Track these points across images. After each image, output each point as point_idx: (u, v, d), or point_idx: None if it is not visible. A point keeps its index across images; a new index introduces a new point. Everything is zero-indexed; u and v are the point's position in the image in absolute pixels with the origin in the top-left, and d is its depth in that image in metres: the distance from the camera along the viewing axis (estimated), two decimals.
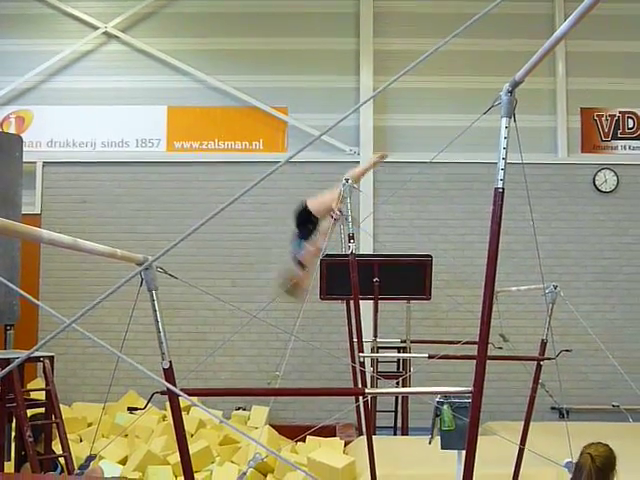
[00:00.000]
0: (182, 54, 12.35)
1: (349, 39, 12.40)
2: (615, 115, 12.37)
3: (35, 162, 12.00)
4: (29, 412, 6.49)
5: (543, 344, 7.42)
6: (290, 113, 12.32)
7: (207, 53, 12.47)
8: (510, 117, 3.86)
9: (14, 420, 6.45)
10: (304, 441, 9.15)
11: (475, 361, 4.24)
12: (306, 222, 7.54)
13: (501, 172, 3.94)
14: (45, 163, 12.24)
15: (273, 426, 9.93)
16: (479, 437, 4.41)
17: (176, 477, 8.18)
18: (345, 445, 9.44)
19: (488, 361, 4.25)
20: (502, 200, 3.96)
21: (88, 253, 3.57)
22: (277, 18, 12.54)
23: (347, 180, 7.80)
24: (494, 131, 3.90)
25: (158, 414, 10.14)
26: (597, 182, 12.21)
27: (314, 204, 7.59)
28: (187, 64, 12.30)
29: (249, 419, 10.77)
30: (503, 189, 3.95)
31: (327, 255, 8.20)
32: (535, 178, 11.13)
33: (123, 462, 8.74)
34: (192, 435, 9.47)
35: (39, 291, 11.86)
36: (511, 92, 3.80)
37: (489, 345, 4.27)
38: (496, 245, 3.99)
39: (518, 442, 7.26)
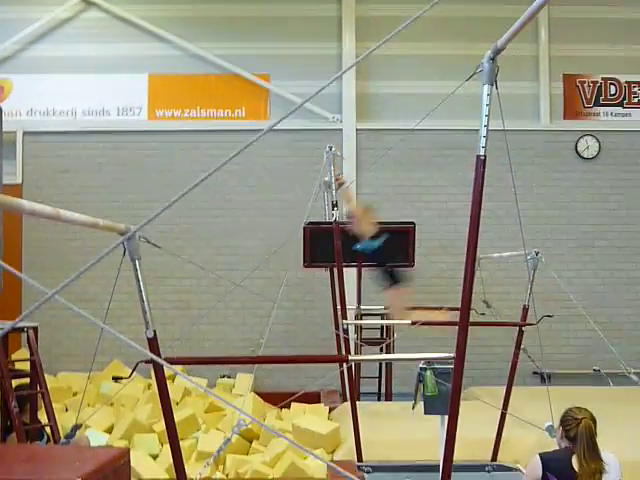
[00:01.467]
0: (163, 21, 12.22)
1: (331, 5, 12.30)
2: (597, 82, 12.38)
3: (15, 131, 11.89)
4: (14, 382, 6.50)
5: (525, 310, 7.48)
6: (272, 80, 12.25)
7: (188, 20, 12.34)
8: (492, 84, 3.86)
9: None
10: (289, 408, 9.23)
11: (458, 327, 4.28)
12: None
13: (483, 139, 3.95)
14: (25, 133, 12.13)
15: (258, 393, 9.99)
16: (462, 402, 4.47)
17: (162, 445, 8.23)
18: (329, 411, 9.52)
19: (471, 327, 4.29)
20: (484, 167, 3.97)
21: (70, 223, 3.56)
22: None
23: (330, 147, 7.84)
24: (476, 98, 3.90)
25: (143, 382, 10.18)
26: (579, 149, 12.24)
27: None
28: (168, 31, 12.17)
29: (234, 387, 10.83)
30: (485, 156, 3.97)
31: (310, 222, 8.22)
32: (517, 145, 11.14)
33: (109, 431, 8.78)
34: (177, 403, 9.52)
35: (22, 261, 11.82)
36: (493, 59, 3.80)
37: (472, 311, 4.30)
38: (478, 212, 4.01)
39: (500, 407, 7.36)
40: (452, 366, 4.57)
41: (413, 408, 5.94)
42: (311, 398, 9.60)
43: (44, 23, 12.17)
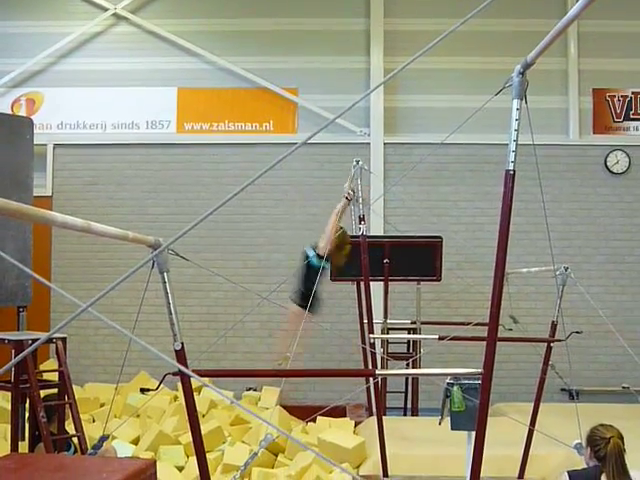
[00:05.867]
0: (192, 35, 12.32)
1: (359, 19, 12.33)
2: (627, 96, 12.29)
3: (46, 144, 12.03)
4: (42, 393, 6.55)
5: (553, 326, 7.43)
6: (300, 94, 12.29)
7: (217, 34, 12.42)
8: (521, 99, 3.85)
9: (28, 401, 6.50)
10: (314, 421, 9.20)
11: (485, 342, 4.25)
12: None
13: (512, 154, 3.94)
14: (56, 145, 12.26)
15: (284, 407, 9.98)
16: (489, 418, 4.44)
17: (188, 457, 8.24)
18: (355, 425, 9.49)
19: (498, 343, 4.26)
20: (513, 182, 3.96)
21: (100, 235, 3.59)
22: None
23: (357, 161, 7.85)
24: (505, 112, 3.89)
25: (170, 394, 10.21)
26: (609, 163, 12.15)
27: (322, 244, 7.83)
28: (197, 45, 12.26)
29: (260, 400, 10.82)
30: (514, 171, 3.95)
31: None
32: (546, 159, 11.08)
33: (135, 442, 8.80)
34: (203, 415, 9.53)
35: (51, 273, 11.92)
36: (522, 73, 3.79)
37: (499, 327, 4.28)
38: (507, 227, 4.00)
39: (528, 423, 7.29)
40: (479, 382, 4.54)
41: (440, 423, 5.89)
42: (337, 412, 9.57)
43: (75, 37, 12.31)
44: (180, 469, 8.03)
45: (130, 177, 12.27)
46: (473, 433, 4.62)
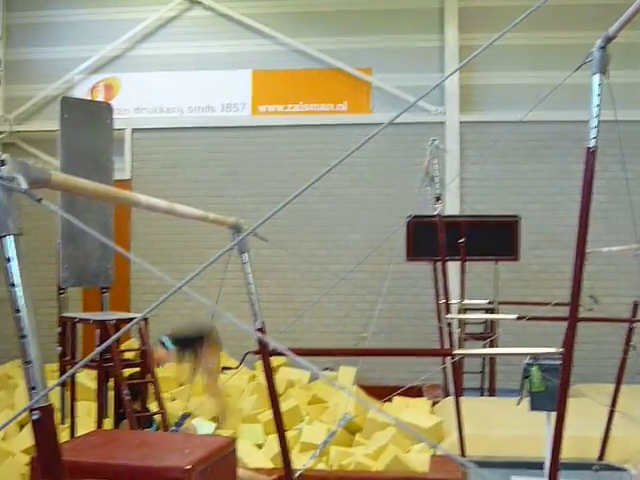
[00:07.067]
0: (265, 17, 12.37)
1: None
2: None
3: (124, 129, 12.26)
4: (125, 372, 6.71)
5: (635, 306, 7.27)
6: (374, 74, 12.23)
7: (290, 16, 12.45)
8: (603, 74, 3.76)
9: (112, 379, 6.68)
10: (391, 401, 9.22)
11: (565, 323, 4.19)
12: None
13: (593, 130, 3.85)
14: (134, 130, 12.50)
15: (360, 387, 10.01)
16: (568, 399, 4.38)
17: (267, 435, 8.35)
18: (432, 405, 9.48)
19: (578, 323, 4.19)
20: (594, 159, 3.87)
21: (182, 217, 3.66)
22: None
23: (434, 140, 7.79)
24: (585, 88, 3.80)
25: (248, 374, 10.35)
26: None
27: None
28: (270, 27, 12.31)
29: (336, 380, 10.88)
30: (595, 148, 3.87)
31: (414, 216, 8.20)
32: (629, 136, 10.76)
33: (215, 420, 8.96)
34: (281, 395, 9.63)
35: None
36: (603, 48, 3.70)
37: (579, 307, 4.21)
38: (588, 204, 3.92)
39: (608, 405, 7.17)
40: (559, 362, 4.48)
41: (518, 404, 5.84)
42: (413, 392, 9.56)
43: (150, 22, 12.50)
44: (259, 447, 8.14)
45: (207, 160, 12.43)
46: (552, 414, 4.57)
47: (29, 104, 12.68)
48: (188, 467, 3.77)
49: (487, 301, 10.35)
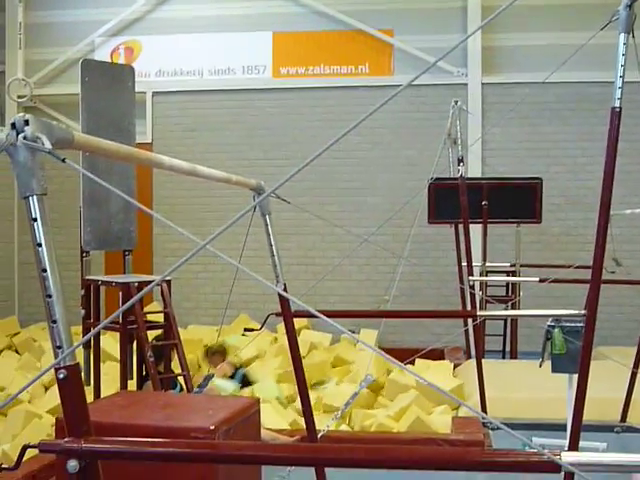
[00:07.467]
0: None
1: None
2: None
3: (145, 92, 12.23)
4: (149, 334, 6.77)
5: None
6: (396, 35, 12.11)
7: None
8: (629, 33, 3.71)
9: (135, 341, 6.74)
10: (413, 364, 9.25)
11: (586, 285, 4.18)
12: None
13: (618, 90, 3.81)
14: (155, 93, 12.48)
15: (382, 349, 10.01)
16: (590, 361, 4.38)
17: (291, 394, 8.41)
18: (454, 368, 9.51)
19: (601, 285, 4.18)
20: (619, 120, 3.83)
21: (205, 178, 3.66)
22: None
23: (456, 102, 7.72)
24: (609, 48, 3.76)
25: (270, 336, 10.42)
26: None
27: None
28: None
29: (358, 342, 10.93)
30: (620, 108, 3.83)
31: (436, 179, 8.16)
32: None
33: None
34: (304, 357, 9.70)
35: (153, 218, 12.22)
36: (630, 6, 3.64)
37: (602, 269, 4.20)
38: (612, 166, 3.90)
39: (630, 366, 7.17)
40: (582, 324, 4.48)
41: (540, 366, 5.86)
42: (434, 355, 9.59)
43: None
44: (283, 405, 8.21)
45: (227, 123, 12.40)
46: (574, 376, 4.58)
47: (50, 67, 12.68)
48: (212, 427, 3.82)
49: (509, 264, 10.32)
